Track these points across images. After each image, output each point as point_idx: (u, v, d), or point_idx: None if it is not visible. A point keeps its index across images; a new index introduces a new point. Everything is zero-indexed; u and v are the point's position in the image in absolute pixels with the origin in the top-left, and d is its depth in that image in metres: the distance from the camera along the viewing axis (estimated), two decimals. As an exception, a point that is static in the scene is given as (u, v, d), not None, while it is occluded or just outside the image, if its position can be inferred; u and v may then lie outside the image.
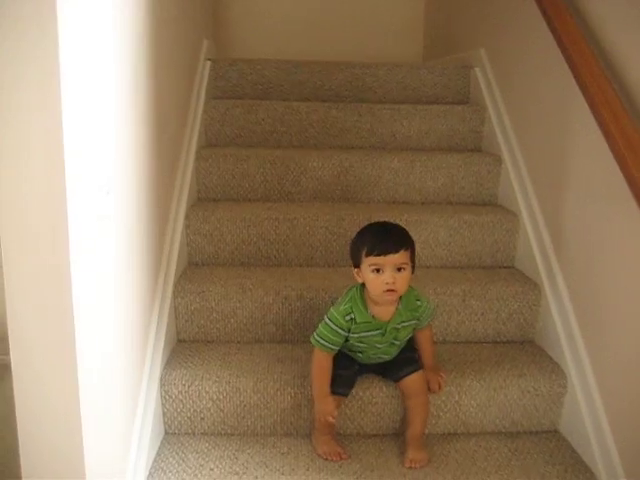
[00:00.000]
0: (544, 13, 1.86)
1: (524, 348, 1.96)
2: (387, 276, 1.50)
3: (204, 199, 2.30)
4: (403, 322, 1.62)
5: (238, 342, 1.93)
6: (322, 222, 2.11)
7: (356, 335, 1.61)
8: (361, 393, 1.73)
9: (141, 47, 1.55)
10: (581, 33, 1.67)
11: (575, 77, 1.64)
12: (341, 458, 1.63)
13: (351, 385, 1.68)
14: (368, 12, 3.76)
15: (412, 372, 1.67)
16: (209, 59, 2.67)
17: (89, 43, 1.13)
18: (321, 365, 1.62)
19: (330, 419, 1.58)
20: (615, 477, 1.53)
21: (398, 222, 1.93)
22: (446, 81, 2.77)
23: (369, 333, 1.61)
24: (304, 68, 2.74)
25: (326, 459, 1.63)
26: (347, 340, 1.63)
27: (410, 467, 1.60)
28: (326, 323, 1.60)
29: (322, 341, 1.60)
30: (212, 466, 1.60)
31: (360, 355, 1.68)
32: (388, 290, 1.51)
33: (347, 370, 1.67)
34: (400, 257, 1.51)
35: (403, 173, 2.32)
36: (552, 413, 1.81)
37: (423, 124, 2.54)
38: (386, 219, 1.88)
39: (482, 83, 2.61)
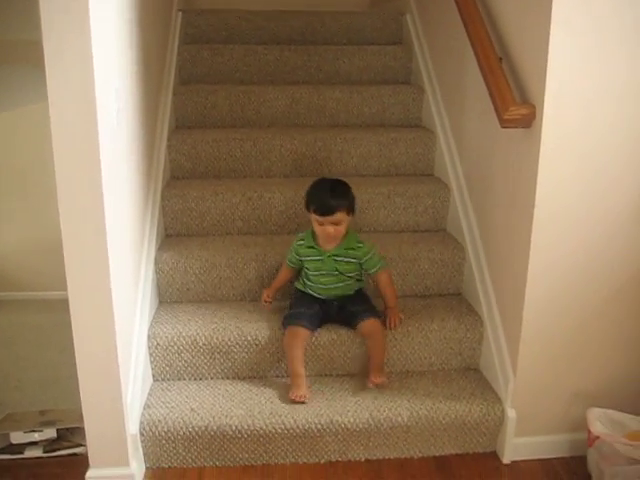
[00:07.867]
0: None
1: (437, 234, 2.51)
2: (327, 228, 2.02)
3: (181, 126, 2.78)
4: (341, 257, 2.08)
5: (213, 234, 2.45)
6: (278, 141, 2.61)
7: (307, 259, 2.11)
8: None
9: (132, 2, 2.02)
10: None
11: (461, 17, 2.16)
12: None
13: (316, 323, 2.08)
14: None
15: (365, 318, 2.05)
16: (180, 10, 3.10)
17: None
18: (281, 272, 2.21)
19: (266, 302, 2.17)
20: (492, 317, 2.10)
21: (339, 140, 2.55)
22: (382, 25, 3.23)
23: (313, 258, 2.11)
24: (262, 16, 3.18)
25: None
26: (303, 265, 2.13)
27: (374, 385, 2.02)
28: (291, 246, 2.15)
29: (287, 256, 2.17)
30: (197, 319, 2.15)
31: (318, 287, 2.12)
32: (328, 236, 2.05)
33: (310, 309, 2.09)
34: (336, 217, 2.00)
35: (344, 102, 2.82)
36: (456, 280, 2.37)
37: (362, 62, 3.02)
38: (329, 138, 2.50)
39: (411, 27, 3.09)
